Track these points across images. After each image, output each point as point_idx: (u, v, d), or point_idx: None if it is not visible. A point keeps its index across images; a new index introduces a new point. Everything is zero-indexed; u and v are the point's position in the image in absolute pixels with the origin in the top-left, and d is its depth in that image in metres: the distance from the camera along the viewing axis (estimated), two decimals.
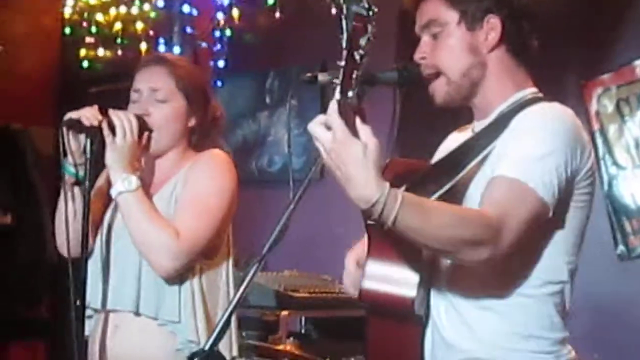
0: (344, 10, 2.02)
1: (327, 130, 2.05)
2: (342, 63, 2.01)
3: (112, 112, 2.92)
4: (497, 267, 2.22)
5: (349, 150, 2.03)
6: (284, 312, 4.49)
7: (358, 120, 2.06)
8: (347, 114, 2.04)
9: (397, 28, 5.03)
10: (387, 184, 2.05)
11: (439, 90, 2.41)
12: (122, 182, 2.88)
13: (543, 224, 2.25)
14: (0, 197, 7.08)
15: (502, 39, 2.40)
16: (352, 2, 2.04)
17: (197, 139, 3.13)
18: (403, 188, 2.13)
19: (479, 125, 2.45)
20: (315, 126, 2.07)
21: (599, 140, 4.76)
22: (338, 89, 2.00)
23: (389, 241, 2.24)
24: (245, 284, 2.13)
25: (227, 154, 3.11)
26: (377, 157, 2.05)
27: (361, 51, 2.02)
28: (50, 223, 3.09)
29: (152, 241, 2.87)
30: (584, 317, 3.07)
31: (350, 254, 2.55)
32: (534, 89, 2.45)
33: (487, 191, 2.24)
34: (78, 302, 2.84)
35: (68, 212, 2.93)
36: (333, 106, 2.04)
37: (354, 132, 2.04)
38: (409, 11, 2.52)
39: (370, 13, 2.05)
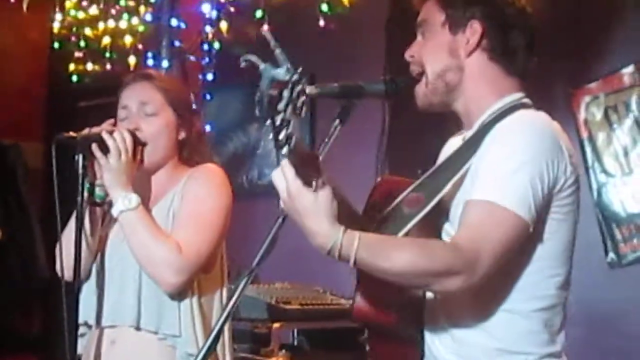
0: (261, 79, 2.05)
1: (283, 180, 2.10)
2: (270, 137, 2.03)
3: (105, 134, 2.92)
4: (486, 284, 2.20)
5: (300, 202, 2.08)
6: (276, 324, 4.49)
7: (312, 167, 2.09)
8: (300, 162, 2.07)
9: (385, 34, 5.07)
10: (341, 229, 2.09)
11: (419, 91, 2.42)
12: (122, 200, 2.89)
13: (524, 241, 2.22)
14: None
15: (484, 46, 2.39)
16: (269, 67, 2.06)
17: (188, 152, 3.13)
18: (387, 210, 2.15)
19: (468, 134, 2.44)
20: (275, 176, 2.12)
21: (588, 148, 4.78)
22: (275, 152, 2.03)
23: None
24: (236, 296, 2.14)
25: (221, 169, 3.11)
26: (328, 204, 2.09)
27: (282, 115, 2.01)
28: (40, 238, 3.09)
29: (156, 257, 2.88)
30: (575, 325, 3.06)
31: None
32: (517, 95, 2.40)
33: (461, 216, 2.23)
34: (67, 318, 2.86)
35: (83, 234, 2.91)
36: (284, 159, 2.06)
37: (308, 180, 2.08)
38: (395, 21, 2.54)
39: (290, 76, 2.06)
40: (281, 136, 1.98)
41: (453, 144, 2.55)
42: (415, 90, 2.43)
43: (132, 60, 6.53)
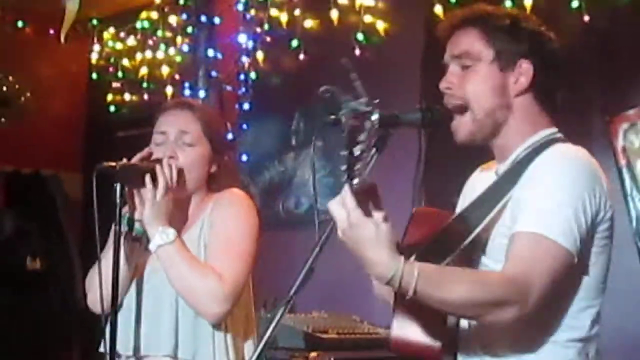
0: (342, 108, 2.05)
1: (343, 209, 2.09)
2: (343, 167, 2.06)
3: (158, 169, 2.93)
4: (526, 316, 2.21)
5: (361, 232, 2.08)
6: (313, 354, 4.48)
7: (372, 199, 2.09)
8: (361, 192, 2.08)
9: (421, 63, 5.07)
10: (402, 259, 2.09)
11: (463, 127, 2.40)
12: (160, 235, 2.91)
13: (569, 272, 2.23)
14: (31, 242, 7.12)
15: (531, 85, 2.39)
16: (350, 99, 2.07)
17: (217, 185, 3.14)
18: (426, 244, 2.18)
19: (500, 168, 2.44)
20: (333, 205, 2.11)
21: (626, 176, 4.73)
22: (345, 177, 2.05)
23: None
24: (273, 325, 2.14)
25: (246, 193, 3.12)
26: (388, 236, 2.09)
27: (361, 146, 2.04)
28: (80, 268, 3.11)
29: (198, 289, 2.89)
30: (617, 355, 3.04)
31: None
32: (551, 130, 2.42)
33: (509, 248, 2.24)
34: (103, 349, 2.88)
35: (120, 268, 2.92)
36: (346, 188, 2.07)
37: (368, 210, 2.08)
38: (431, 49, 2.53)
39: (369, 107, 2.07)
40: (357, 167, 2.01)
41: (480, 178, 2.56)
42: (455, 124, 2.41)
43: (169, 90, 6.58)
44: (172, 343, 2.93)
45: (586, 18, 4.61)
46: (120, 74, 7.15)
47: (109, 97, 7.22)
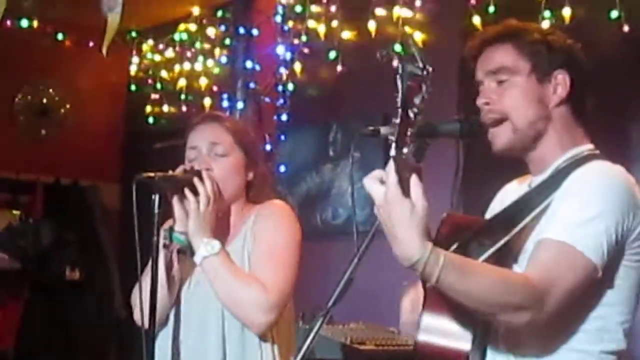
0: (399, 70, 2.04)
1: (380, 186, 2.09)
2: (397, 121, 2.03)
3: (196, 180, 2.94)
4: (554, 323, 2.22)
5: (396, 210, 2.06)
6: None
7: (414, 179, 2.08)
8: (404, 171, 2.06)
9: (458, 74, 5.05)
10: (430, 245, 2.08)
11: (503, 136, 2.41)
12: (204, 247, 2.92)
13: (593, 284, 2.24)
14: (69, 253, 7.18)
15: (568, 96, 2.40)
16: (407, 61, 2.07)
17: (254, 193, 3.14)
18: (455, 245, 2.17)
19: (535, 180, 2.45)
20: (370, 180, 2.12)
21: None
22: (393, 145, 2.02)
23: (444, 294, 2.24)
24: (311, 336, 2.14)
25: (287, 204, 3.13)
26: (423, 218, 2.07)
27: (415, 109, 2.04)
28: (117, 279, 3.11)
29: (244, 300, 2.90)
30: None
31: (404, 298, 2.57)
32: (590, 146, 2.44)
33: (534, 253, 2.25)
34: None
35: (161, 280, 2.93)
36: (391, 164, 2.06)
37: (407, 190, 2.07)
38: (469, 60, 2.53)
39: (425, 72, 2.07)
40: (409, 133, 1.99)
41: (512, 190, 2.57)
42: (493, 133, 2.42)
43: (207, 102, 6.61)
44: (220, 356, 2.94)
45: (626, 28, 4.59)
46: (158, 85, 7.20)
47: (148, 108, 7.27)
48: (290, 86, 6.23)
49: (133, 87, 7.46)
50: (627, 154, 2.40)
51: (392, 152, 1.99)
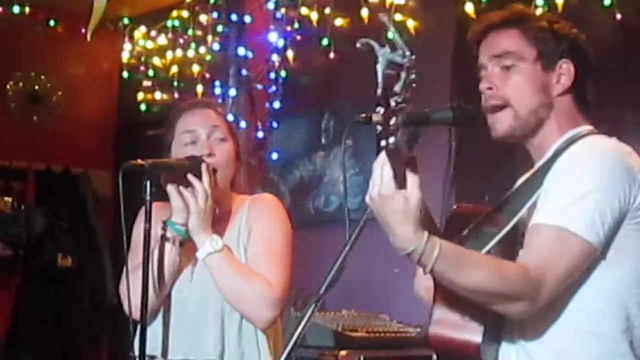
0: (378, 58, 2.03)
1: (378, 178, 2.09)
2: (381, 110, 2.02)
3: (191, 177, 2.91)
4: (561, 307, 2.24)
5: (390, 203, 2.08)
6: (343, 352, 4.48)
7: (409, 171, 2.07)
8: (398, 164, 2.06)
9: (452, 62, 5.05)
10: (425, 235, 2.09)
11: (505, 122, 2.40)
12: (209, 243, 2.91)
13: (594, 262, 2.24)
14: (61, 240, 7.16)
15: (572, 85, 2.40)
16: (386, 49, 2.06)
17: (236, 184, 3.13)
18: (465, 233, 2.19)
19: (538, 164, 2.44)
20: (376, 167, 2.10)
21: None
22: (377, 139, 2.01)
23: None
24: (303, 324, 2.14)
25: (275, 194, 3.14)
26: (416, 210, 2.08)
27: (397, 98, 2.02)
28: (109, 266, 3.09)
29: (248, 295, 2.91)
30: None
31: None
32: (589, 127, 2.44)
33: (528, 239, 2.25)
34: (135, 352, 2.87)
35: (167, 272, 2.93)
36: (382, 155, 2.06)
37: (402, 182, 2.07)
38: (462, 48, 2.52)
39: (405, 60, 2.06)
40: (392, 122, 1.98)
41: (523, 177, 2.56)
42: (493, 119, 2.41)
43: (199, 89, 6.59)
44: (219, 349, 2.93)
45: (618, 16, 4.58)
46: (151, 72, 7.17)
47: (140, 95, 7.24)
48: (283, 73, 6.22)
49: (125, 74, 7.42)
50: (620, 140, 2.39)
51: (383, 142, 1.99)
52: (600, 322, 2.29)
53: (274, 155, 6.35)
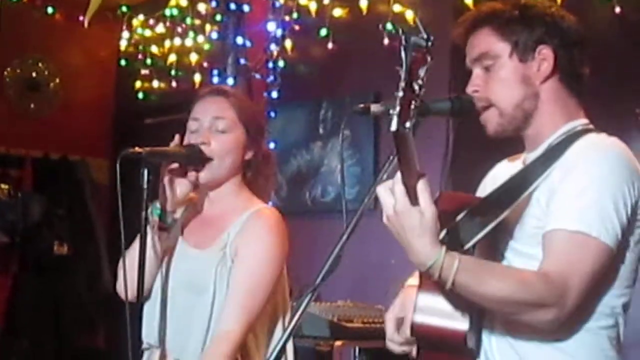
0: (403, 41, 2.02)
1: (391, 197, 2.10)
2: (400, 94, 2.00)
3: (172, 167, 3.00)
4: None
5: (406, 220, 2.09)
6: (338, 343, 4.49)
7: (420, 185, 2.08)
8: (410, 179, 2.06)
9: (450, 60, 5.05)
10: (443, 249, 2.10)
11: (491, 121, 2.41)
12: None
13: (610, 264, 2.24)
14: (58, 227, 7.17)
15: (555, 69, 2.39)
16: (412, 33, 2.05)
17: (252, 173, 3.12)
18: (452, 223, 2.18)
19: (529, 157, 2.44)
20: (382, 190, 2.12)
21: None
22: (395, 119, 1.98)
23: None
24: (298, 314, 2.14)
25: (277, 211, 3.08)
26: (432, 225, 2.10)
27: (420, 81, 2.02)
28: (106, 253, 3.09)
29: None
30: (636, 354, 3.01)
31: (388, 314, 2.53)
32: (584, 120, 2.43)
33: (548, 246, 2.24)
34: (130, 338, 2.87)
35: (147, 257, 2.90)
36: (398, 175, 2.07)
37: (414, 197, 2.08)
38: (461, 46, 2.52)
39: (429, 44, 2.06)
40: (412, 106, 1.97)
41: (504, 168, 2.57)
42: (483, 119, 2.42)
43: (197, 78, 6.59)
44: (203, 337, 2.92)
45: (617, 9, 4.58)
46: (148, 61, 7.17)
47: (138, 84, 7.24)
48: (281, 63, 6.21)
49: (123, 62, 7.42)
50: (619, 133, 2.38)
51: (393, 127, 1.97)
52: (588, 318, 2.29)
53: (272, 145, 6.35)
